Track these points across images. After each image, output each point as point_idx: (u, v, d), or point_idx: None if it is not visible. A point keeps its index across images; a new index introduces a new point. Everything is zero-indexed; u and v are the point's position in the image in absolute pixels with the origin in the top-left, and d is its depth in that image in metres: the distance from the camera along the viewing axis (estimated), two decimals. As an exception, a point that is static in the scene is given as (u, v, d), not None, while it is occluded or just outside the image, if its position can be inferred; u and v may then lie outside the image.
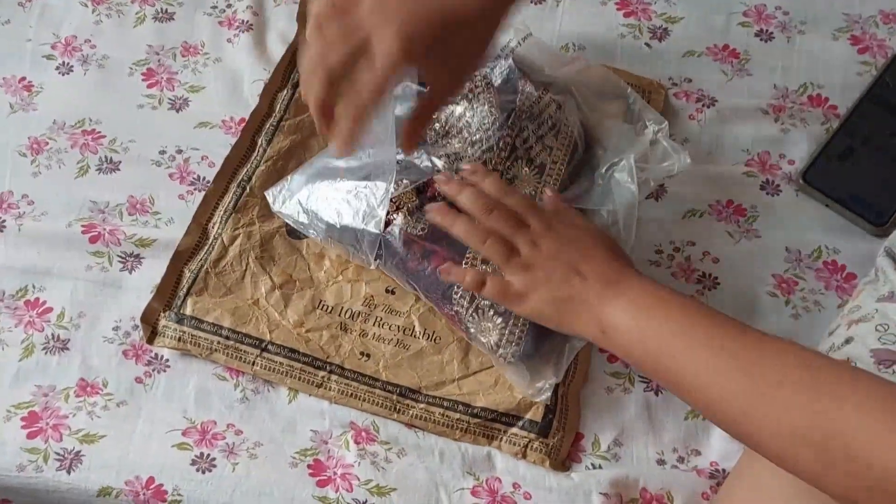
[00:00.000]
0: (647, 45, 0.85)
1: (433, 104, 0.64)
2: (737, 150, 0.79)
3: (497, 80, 0.73)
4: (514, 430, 0.67)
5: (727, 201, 0.77)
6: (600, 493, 0.64)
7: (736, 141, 0.79)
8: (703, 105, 0.81)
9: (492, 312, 0.66)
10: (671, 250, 0.75)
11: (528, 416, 0.67)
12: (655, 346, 0.58)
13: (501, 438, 0.67)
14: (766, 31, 0.85)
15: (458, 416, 0.68)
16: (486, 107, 0.72)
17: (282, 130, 0.80)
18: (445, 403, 0.68)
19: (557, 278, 0.62)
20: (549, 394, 0.66)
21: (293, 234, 0.75)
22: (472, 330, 0.67)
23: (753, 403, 0.52)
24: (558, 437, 0.67)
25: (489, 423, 0.67)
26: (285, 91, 0.82)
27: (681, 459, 0.67)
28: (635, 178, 0.69)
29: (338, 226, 0.70)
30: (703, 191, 0.77)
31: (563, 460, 0.67)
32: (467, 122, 0.71)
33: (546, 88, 0.74)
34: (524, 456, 0.66)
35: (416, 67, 0.60)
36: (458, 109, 0.72)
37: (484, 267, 0.66)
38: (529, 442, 0.67)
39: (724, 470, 0.66)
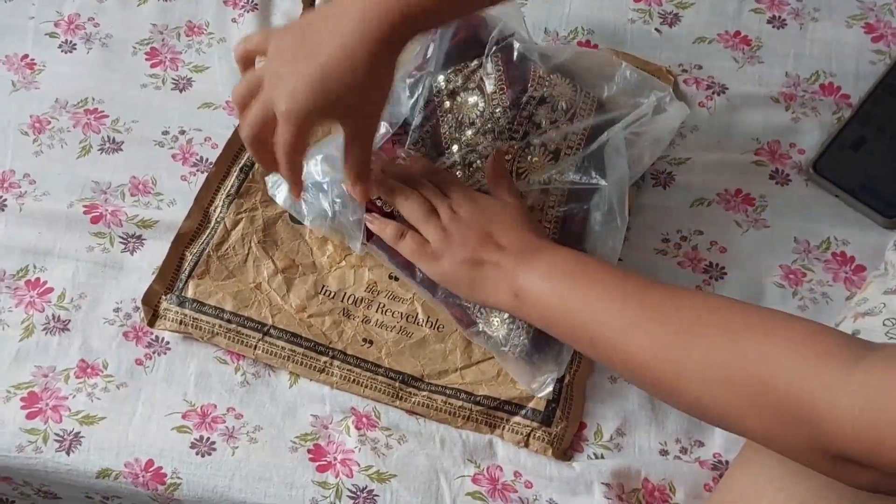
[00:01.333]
0: (657, 30, 0.84)
1: (352, 155, 0.63)
2: (747, 139, 0.78)
3: (504, 64, 0.72)
4: (517, 419, 0.67)
5: (736, 190, 0.76)
6: (602, 483, 0.64)
7: (746, 129, 0.78)
8: (713, 92, 0.80)
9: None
10: (678, 239, 0.74)
11: (531, 405, 0.67)
12: (568, 306, 0.58)
13: (504, 427, 0.67)
14: (779, 17, 0.84)
15: (460, 403, 0.67)
16: (497, 93, 0.71)
17: None
18: (448, 391, 0.68)
19: (473, 242, 0.64)
20: (550, 388, 0.66)
21: (296, 218, 0.75)
22: (480, 324, 0.66)
23: (669, 350, 0.52)
24: (561, 426, 0.66)
25: (492, 412, 0.67)
26: None
27: (683, 450, 0.66)
28: (624, 152, 0.69)
29: (329, 213, 0.70)
30: (711, 179, 0.76)
31: (566, 450, 0.66)
32: (479, 111, 0.71)
33: (557, 70, 0.73)
34: (526, 445, 0.66)
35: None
36: (472, 99, 0.71)
37: None
38: (532, 431, 0.66)
39: (726, 461, 0.65)
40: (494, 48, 0.72)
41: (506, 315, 0.66)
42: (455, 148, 0.71)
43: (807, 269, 0.72)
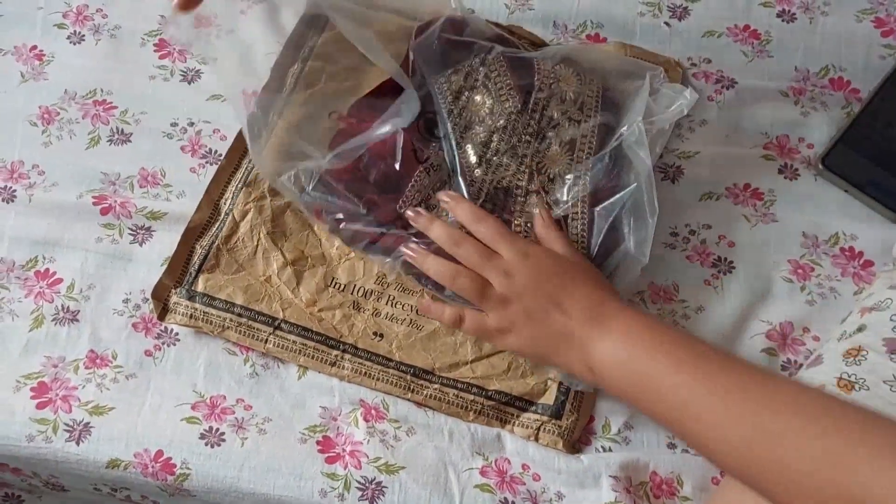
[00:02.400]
0: (666, 23, 0.83)
1: None
2: (755, 133, 0.78)
3: (507, 60, 0.72)
4: (528, 414, 0.67)
5: (744, 184, 0.76)
6: (610, 476, 0.64)
7: (755, 123, 0.78)
8: (722, 86, 0.80)
9: None
10: (687, 233, 0.74)
11: (542, 400, 0.67)
12: (650, 386, 0.56)
13: (514, 423, 0.67)
14: (789, 11, 0.83)
15: (472, 397, 0.67)
16: (505, 90, 0.71)
17: (292, 104, 0.79)
18: (460, 385, 0.68)
19: (537, 314, 0.61)
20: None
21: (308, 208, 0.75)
22: None
23: (760, 450, 0.48)
24: (572, 419, 0.66)
25: (503, 407, 0.67)
26: (296, 65, 0.81)
27: (691, 444, 0.66)
28: (646, 142, 0.68)
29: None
30: (720, 173, 0.76)
31: (575, 442, 0.66)
32: (488, 108, 0.71)
33: (562, 61, 0.73)
34: (536, 438, 0.66)
35: None
36: (477, 97, 0.71)
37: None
38: (542, 424, 0.66)
39: (735, 455, 0.66)
40: (495, 47, 0.72)
41: None
42: (469, 148, 0.71)
43: (815, 264, 0.72)
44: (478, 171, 0.70)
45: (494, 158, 0.70)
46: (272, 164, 0.72)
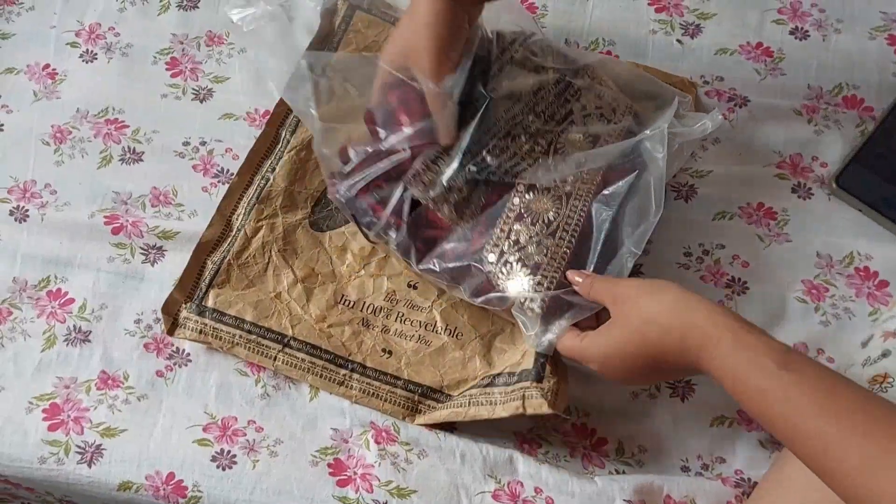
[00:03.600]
0: (678, 41, 0.83)
1: None
2: (768, 152, 0.77)
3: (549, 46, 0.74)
4: (510, 387, 0.65)
5: (758, 204, 0.75)
6: (624, 500, 0.64)
7: (768, 142, 0.78)
8: (734, 104, 0.80)
9: (519, 265, 0.65)
10: (700, 253, 0.73)
11: (521, 368, 0.65)
12: (786, 425, 0.50)
13: (499, 402, 0.65)
14: (801, 29, 0.83)
15: (486, 414, 0.66)
16: (548, 71, 0.72)
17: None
18: (466, 402, 0.67)
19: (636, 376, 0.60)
20: (546, 346, 0.63)
21: (316, 226, 0.75)
22: (501, 283, 0.65)
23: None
24: (553, 381, 0.63)
25: (488, 389, 0.66)
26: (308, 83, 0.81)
27: (705, 467, 0.66)
28: (665, 148, 0.68)
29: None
30: (733, 192, 0.76)
31: (565, 407, 0.64)
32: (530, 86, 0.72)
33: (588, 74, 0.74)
34: (524, 409, 0.63)
35: None
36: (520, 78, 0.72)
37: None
38: (525, 390, 0.64)
39: (749, 479, 0.65)
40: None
41: (528, 273, 0.65)
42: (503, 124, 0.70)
43: (829, 284, 0.72)
44: (500, 141, 0.70)
45: (522, 137, 0.70)
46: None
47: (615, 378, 0.60)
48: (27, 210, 0.77)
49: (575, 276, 0.64)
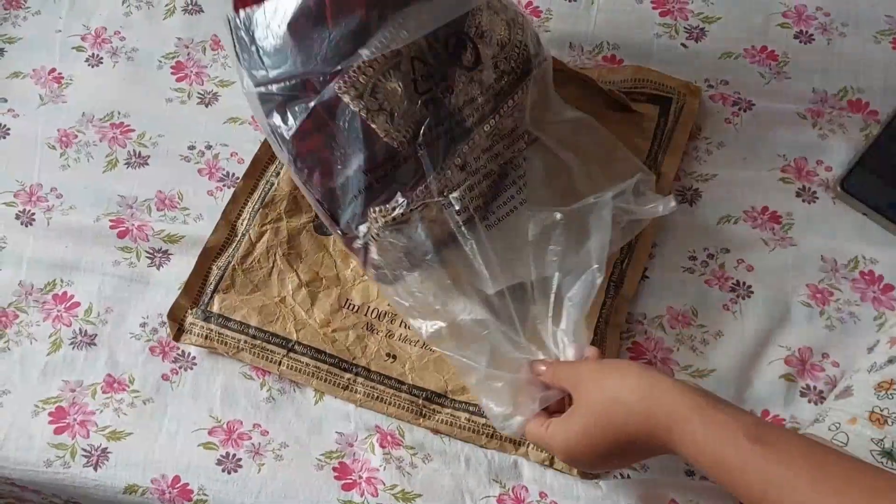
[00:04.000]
0: (683, 45, 0.83)
1: None
2: (773, 156, 0.77)
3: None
4: None
5: (762, 208, 0.75)
6: (628, 505, 0.64)
7: (772, 146, 0.78)
8: (739, 108, 0.79)
9: None
10: (705, 257, 0.73)
11: None
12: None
13: (529, 445, 0.66)
14: (806, 32, 0.83)
15: (483, 420, 0.67)
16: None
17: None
18: (471, 408, 0.67)
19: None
20: (515, 429, 0.62)
21: (320, 229, 0.75)
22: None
23: None
24: None
25: None
26: None
27: (710, 471, 0.66)
28: (609, 223, 0.65)
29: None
30: (737, 196, 0.76)
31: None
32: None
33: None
34: (551, 464, 0.66)
35: None
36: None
37: None
38: None
39: (754, 483, 0.65)
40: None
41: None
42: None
43: (834, 289, 0.72)
44: None
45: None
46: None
47: (583, 465, 0.58)
48: (33, 214, 0.77)
49: (538, 367, 0.62)
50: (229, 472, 0.66)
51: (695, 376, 0.69)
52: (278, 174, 0.77)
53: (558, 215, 0.66)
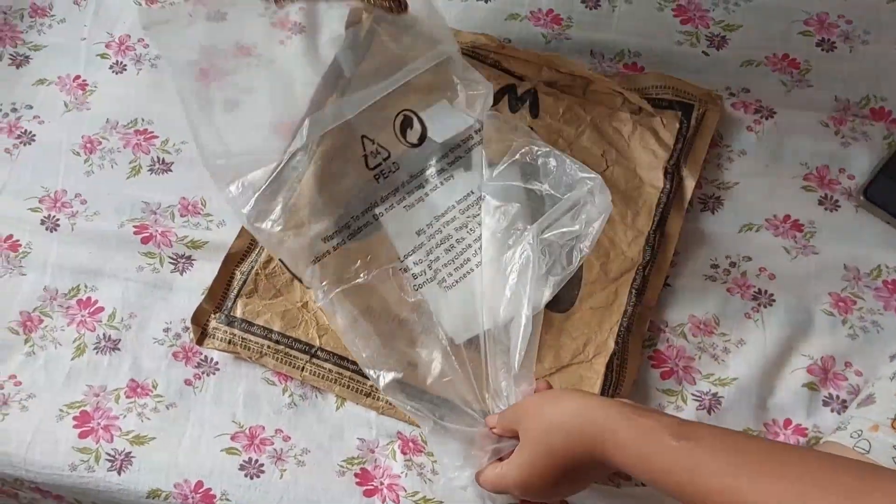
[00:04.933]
0: (704, 52, 0.83)
1: None
2: (795, 164, 0.77)
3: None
4: None
5: (784, 216, 0.75)
6: (650, 513, 0.64)
7: (794, 154, 0.78)
8: (761, 116, 0.79)
9: None
10: (727, 265, 0.73)
11: None
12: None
13: None
14: (828, 40, 0.83)
15: None
16: None
17: (331, 133, 0.79)
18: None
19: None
20: (465, 481, 0.62)
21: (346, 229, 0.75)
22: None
23: None
24: None
25: None
26: (334, 95, 0.82)
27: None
28: (537, 250, 0.65)
29: None
30: (759, 204, 0.76)
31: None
32: None
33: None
34: None
35: None
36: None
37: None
38: None
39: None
40: None
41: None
42: None
43: (857, 297, 0.72)
44: None
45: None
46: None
47: (539, 496, 0.58)
48: (58, 219, 0.78)
49: (491, 420, 0.63)
50: (252, 478, 0.66)
51: (717, 385, 0.68)
52: (300, 181, 0.77)
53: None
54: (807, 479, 0.44)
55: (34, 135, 0.82)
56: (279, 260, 0.73)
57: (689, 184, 0.75)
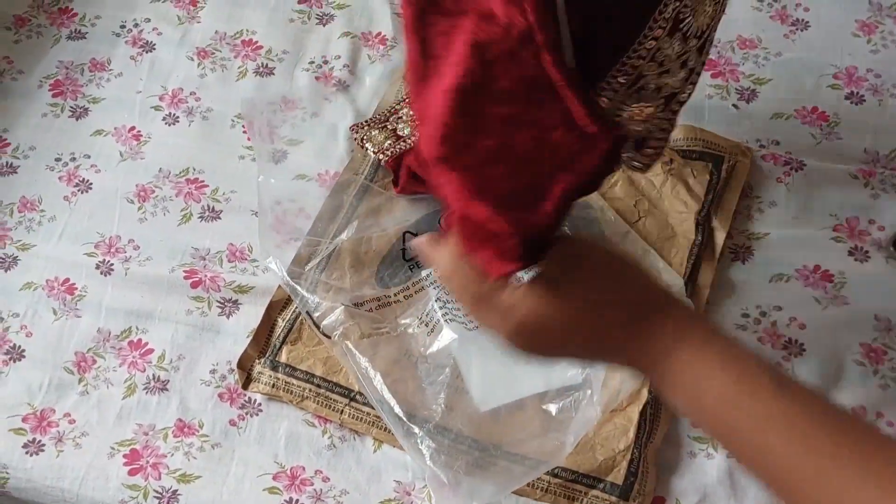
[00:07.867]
0: (734, 106, 0.85)
1: None
2: (825, 215, 0.79)
3: None
4: (596, 492, 0.68)
5: (814, 266, 0.76)
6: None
7: (824, 205, 0.79)
8: (791, 168, 0.81)
9: None
10: (757, 314, 0.74)
11: (610, 478, 0.68)
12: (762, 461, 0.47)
13: (582, 500, 0.68)
14: (857, 93, 0.85)
15: (540, 475, 0.68)
16: None
17: (370, 192, 0.82)
18: (527, 462, 0.69)
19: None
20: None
21: (382, 282, 0.78)
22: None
23: None
24: (638, 501, 0.67)
25: (570, 484, 0.68)
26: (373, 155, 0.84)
27: (764, 526, 0.66)
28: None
29: None
30: (789, 255, 0.77)
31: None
32: None
33: None
34: None
35: None
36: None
37: None
38: None
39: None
40: None
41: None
42: None
43: (888, 348, 0.72)
44: None
45: None
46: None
47: (533, 346, 0.48)
48: (112, 264, 0.81)
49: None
50: (293, 517, 0.69)
51: (748, 433, 0.69)
52: (342, 232, 0.80)
53: None
54: None
55: (91, 183, 0.87)
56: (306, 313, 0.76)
57: (720, 234, 0.77)
